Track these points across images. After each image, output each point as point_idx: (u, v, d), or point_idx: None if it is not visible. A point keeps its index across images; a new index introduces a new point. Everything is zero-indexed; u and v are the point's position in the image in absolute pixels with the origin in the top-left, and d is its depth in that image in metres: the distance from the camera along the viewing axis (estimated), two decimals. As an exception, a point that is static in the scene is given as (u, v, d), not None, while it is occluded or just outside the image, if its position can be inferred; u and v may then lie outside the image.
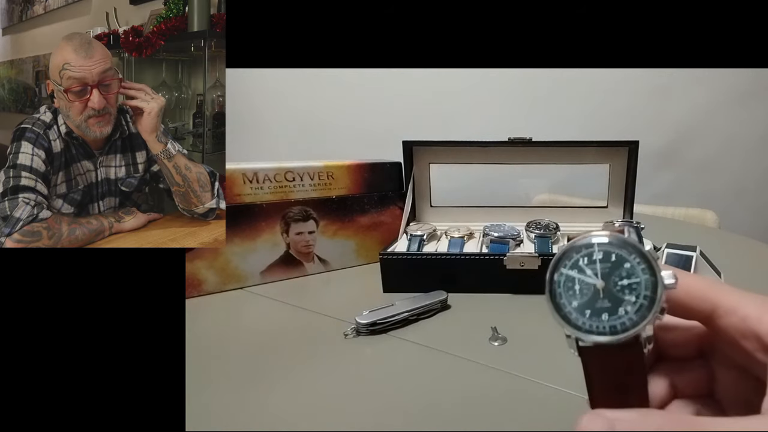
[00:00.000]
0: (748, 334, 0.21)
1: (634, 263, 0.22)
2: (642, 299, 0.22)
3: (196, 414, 0.38)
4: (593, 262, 0.23)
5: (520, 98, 1.48)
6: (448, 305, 0.57)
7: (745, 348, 0.22)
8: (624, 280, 0.22)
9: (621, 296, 0.22)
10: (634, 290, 0.22)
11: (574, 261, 0.23)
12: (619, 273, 0.22)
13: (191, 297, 0.62)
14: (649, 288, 0.22)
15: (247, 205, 0.65)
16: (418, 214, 0.79)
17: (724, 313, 0.22)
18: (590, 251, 0.23)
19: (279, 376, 0.44)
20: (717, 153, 1.45)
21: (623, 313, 0.22)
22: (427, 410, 0.39)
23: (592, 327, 0.22)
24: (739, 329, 0.22)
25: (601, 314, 0.22)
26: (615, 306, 0.22)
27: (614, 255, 0.22)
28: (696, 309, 0.23)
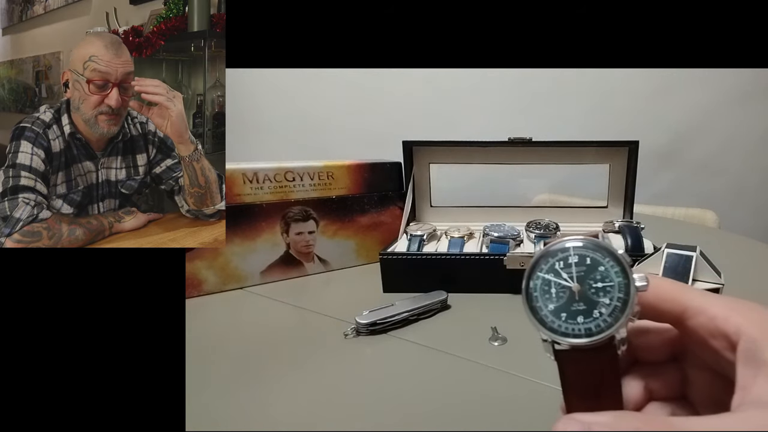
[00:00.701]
0: (716, 333, 0.22)
1: (608, 266, 0.23)
2: (616, 301, 0.22)
3: (196, 414, 0.38)
4: (569, 266, 0.23)
5: (520, 98, 1.48)
6: (448, 305, 0.57)
7: (714, 347, 0.22)
8: (598, 283, 0.23)
9: (596, 299, 0.22)
10: (608, 293, 0.22)
11: (551, 265, 0.23)
12: (593, 276, 0.23)
13: (191, 297, 0.62)
14: (623, 290, 0.22)
15: (247, 205, 0.65)
16: (418, 214, 0.79)
17: (693, 314, 0.23)
18: (566, 255, 0.23)
19: (279, 376, 0.44)
20: (717, 153, 1.45)
21: (598, 315, 0.22)
22: (426, 410, 0.39)
23: (568, 330, 0.22)
24: (707, 329, 0.22)
25: (576, 317, 0.22)
26: (590, 308, 0.22)
27: (589, 258, 0.23)
28: (667, 311, 0.24)
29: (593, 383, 0.22)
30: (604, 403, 0.22)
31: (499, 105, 1.49)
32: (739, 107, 1.41)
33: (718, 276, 0.44)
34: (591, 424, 0.20)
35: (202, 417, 0.38)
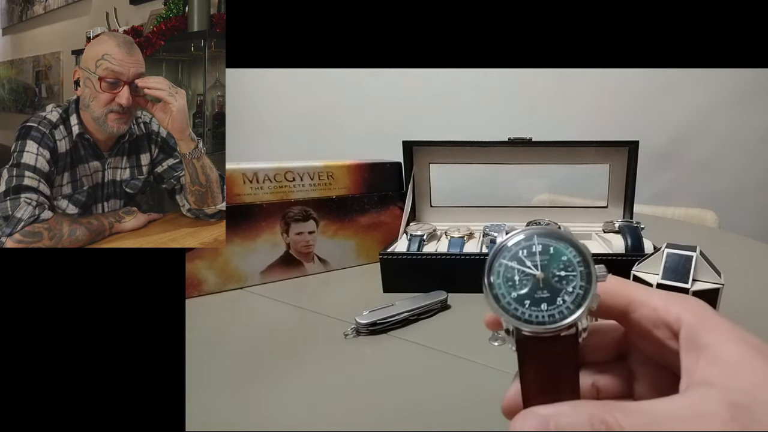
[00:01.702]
0: (659, 323, 0.23)
1: (571, 256, 0.23)
2: (578, 289, 0.23)
3: (196, 414, 0.38)
4: (533, 254, 0.23)
5: (520, 98, 1.48)
6: (448, 305, 0.57)
7: (658, 338, 0.23)
8: (561, 272, 0.23)
9: (559, 287, 0.23)
10: (571, 281, 0.23)
11: (514, 253, 0.24)
12: (557, 265, 0.23)
13: (191, 297, 0.62)
14: (584, 279, 0.23)
15: (247, 205, 0.65)
16: (418, 214, 0.79)
17: (636, 307, 0.24)
18: (530, 244, 0.24)
19: (279, 376, 0.44)
20: (717, 153, 1.46)
21: (561, 302, 0.23)
22: (426, 410, 0.39)
23: (532, 317, 0.23)
24: (651, 319, 0.24)
25: (540, 304, 0.23)
26: (554, 296, 0.23)
27: (552, 248, 0.24)
28: (613, 306, 0.25)
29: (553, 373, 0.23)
30: (563, 395, 0.22)
31: (499, 105, 1.49)
32: (739, 107, 1.41)
33: (718, 276, 0.44)
34: (549, 416, 0.20)
35: (202, 417, 0.38)
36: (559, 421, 0.20)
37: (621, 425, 0.19)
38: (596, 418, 0.20)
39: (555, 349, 0.23)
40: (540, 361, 0.23)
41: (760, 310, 0.56)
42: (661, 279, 0.44)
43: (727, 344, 0.21)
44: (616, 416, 0.19)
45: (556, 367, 0.23)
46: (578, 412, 0.20)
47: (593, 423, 0.19)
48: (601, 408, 0.20)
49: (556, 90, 1.44)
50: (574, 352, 0.23)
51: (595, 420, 0.20)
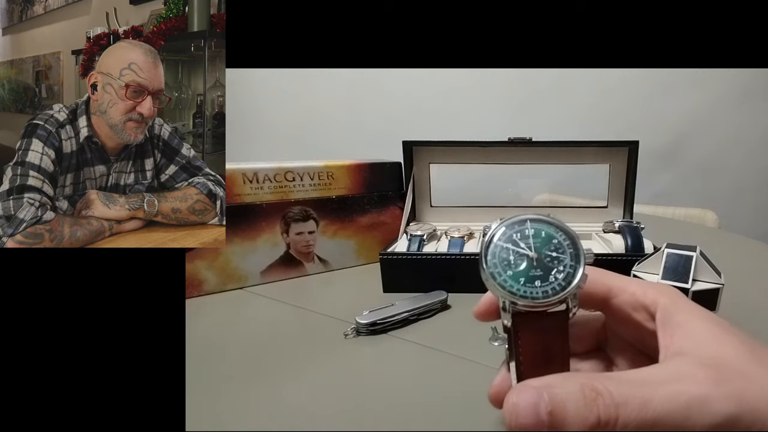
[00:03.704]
0: (637, 306, 0.26)
1: (561, 239, 0.26)
2: (569, 268, 0.25)
3: (196, 414, 0.38)
4: (526, 237, 0.26)
5: (520, 98, 1.48)
6: (448, 305, 0.58)
7: (637, 320, 0.26)
8: (553, 252, 0.25)
9: (551, 266, 0.25)
10: (562, 261, 0.25)
11: (508, 236, 0.26)
12: (548, 246, 0.26)
13: (191, 297, 0.62)
14: (574, 259, 0.25)
15: (247, 205, 0.65)
16: (418, 214, 0.79)
17: (616, 293, 0.27)
18: (523, 228, 0.26)
19: (279, 376, 0.44)
20: (717, 153, 1.46)
21: (553, 279, 0.25)
22: (427, 410, 0.39)
23: (527, 292, 0.25)
24: (629, 303, 0.26)
25: (534, 281, 0.25)
26: (546, 274, 0.25)
27: (544, 232, 0.26)
28: (594, 293, 0.27)
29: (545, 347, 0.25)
30: (555, 368, 0.24)
31: (499, 105, 1.49)
32: (739, 107, 1.41)
33: (718, 276, 0.44)
34: (541, 388, 0.21)
35: (202, 417, 0.38)
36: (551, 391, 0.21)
37: (610, 391, 0.21)
38: (587, 387, 0.21)
39: (547, 323, 0.25)
40: (533, 336, 0.25)
41: (760, 310, 0.56)
42: (661, 279, 0.44)
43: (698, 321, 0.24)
44: (605, 383, 0.21)
45: (548, 342, 0.25)
46: (570, 382, 0.22)
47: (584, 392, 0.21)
48: (590, 377, 0.22)
49: (556, 90, 1.44)
50: (565, 327, 0.25)
51: (585, 389, 0.21)
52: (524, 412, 0.21)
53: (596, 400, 0.21)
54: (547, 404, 0.21)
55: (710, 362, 0.22)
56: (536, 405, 0.21)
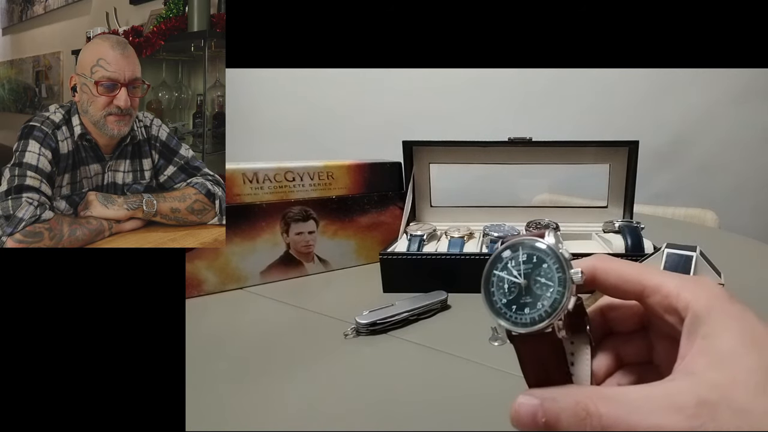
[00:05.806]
0: (670, 309, 0.25)
1: (550, 263, 0.26)
2: (555, 294, 0.25)
3: (196, 414, 0.38)
4: (519, 264, 0.26)
5: (520, 98, 1.48)
6: (448, 305, 0.58)
7: (669, 321, 0.25)
8: (542, 278, 0.26)
9: (540, 293, 0.25)
10: (549, 287, 0.25)
11: (504, 263, 0.27)
12: (538, 272, 0.26)
13: (191, 297, 0.62)
14: (561, 284, 0.25)
15: (247, 205, 0.65)
16: (418, 214, 0.79)
17: (650, 293, 0.26)
18: (516, 254, 0.27)
19: (279, 376, 0.44)
20: (717, 153, 1.45)
21: (540, 306, 0.25)
22: (426, 410, 0.39)
23: (518, 320, 0.26)
24: (663, 305, 0.25)
25: (524, 308, 0.26)
26: (535, 301, 0.25)
27: (535, 257, 0.26)
28: (629, 291, 0.27)
29: (543, 365, 0.26)
30: (555, 381, 0.26)
31: (498, 105, 1.49)
32: (739, 107, 1.41)
33: (718, 276, 0.44)
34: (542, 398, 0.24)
35: (202, 417, 0.38)
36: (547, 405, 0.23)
37: (600, 414, 0.22)
38: (580, 405, 0.22)
39: (541, 343, 0.25)
40: (531, 356, 0.26)
41: (760, 310, 0.56)
42: (661, 279, 0.44)
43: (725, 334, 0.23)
44: (597, 405, 0.22)
45: (545, 361, 0.26)
46: (567, 398, 0.23)
47: (577, 410, 0.22)
48: (588, 395, 0.23)
49: (556, 90, 1.44)
50: (558, 347, 0.25)
51: (579, 407, 0.22)
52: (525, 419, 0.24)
53: (585, 420, 0.22)
54: (542, 414, 0.23)
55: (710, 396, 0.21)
56: (534, 414, 0.23)
